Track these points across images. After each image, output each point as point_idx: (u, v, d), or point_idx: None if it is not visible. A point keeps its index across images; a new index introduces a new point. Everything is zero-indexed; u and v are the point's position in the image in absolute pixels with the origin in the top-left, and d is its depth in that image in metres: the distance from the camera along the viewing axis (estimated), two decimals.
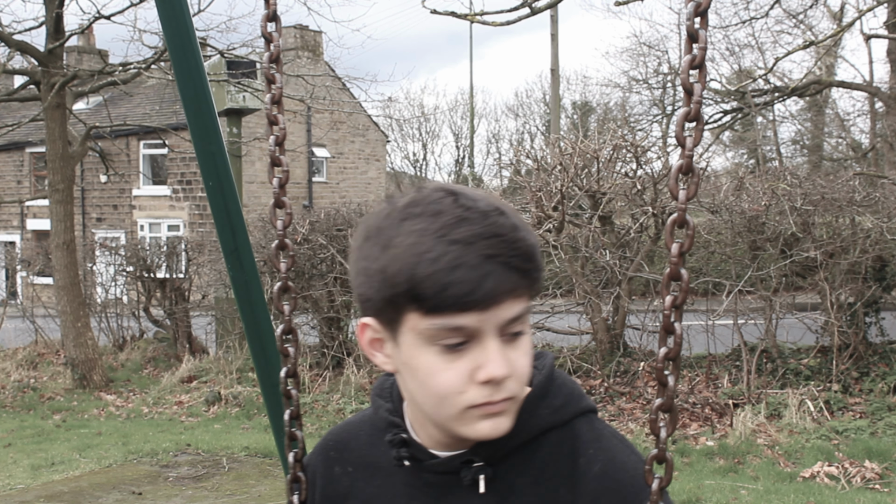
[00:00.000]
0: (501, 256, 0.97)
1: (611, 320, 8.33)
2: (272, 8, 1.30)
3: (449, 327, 0.98)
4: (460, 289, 0.95)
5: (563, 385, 1.12)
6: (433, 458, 1.10)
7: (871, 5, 9.25)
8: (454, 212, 0.99)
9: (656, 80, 23.93)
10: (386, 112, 34.46)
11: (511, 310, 0.99)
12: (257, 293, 1.39)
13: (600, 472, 1.05)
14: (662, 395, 1.00)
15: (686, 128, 0.99)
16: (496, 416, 1.01)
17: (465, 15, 6.79)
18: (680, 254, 0.98)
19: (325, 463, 1.24)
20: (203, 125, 1.33)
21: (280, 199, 1.31)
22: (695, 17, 0.98)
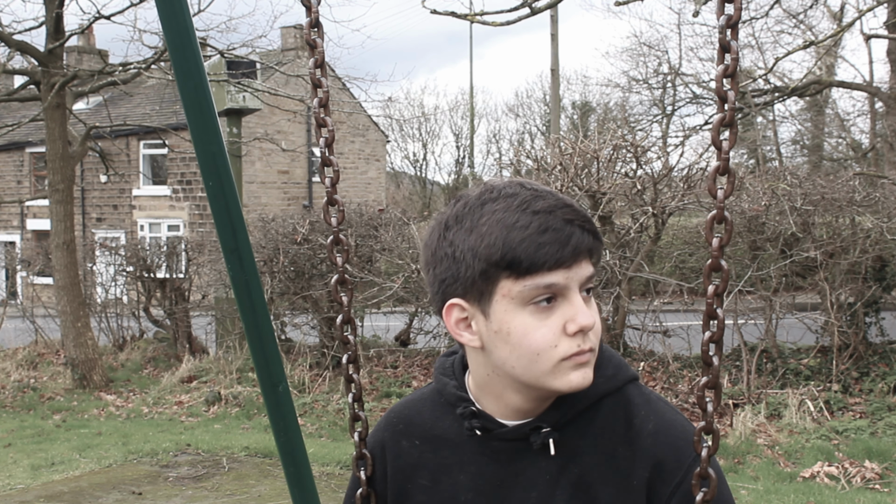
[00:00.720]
0: (578, 220, 1.13)
1: (611, 320, 8.33)
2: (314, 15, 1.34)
3: (542, 285, 1.11)
4: (552, 248, 1.10)
5: (611, 356, 1.25)
6: (502, 427, 1.22)
7: (871, 5, 9.25)
8: (527, 192, 1.15)
9: (656, 80, 23.93)
10: (386, 112, 34.47)
11: (588, 269, 1.14)
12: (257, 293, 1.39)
13: (654, 429, 1.18)
14: (707, 373, 1.12)
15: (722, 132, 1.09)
16: (584, 366, 1.14)
17: (465, 15, 6.79)
18: (720, 247, 1.10)
19: (393, 438, 1.35)
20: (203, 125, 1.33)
21: (332, 196, 1.38)
22: (727, 29, 1.06)
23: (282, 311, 10.38)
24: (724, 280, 1.09)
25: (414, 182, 38.85)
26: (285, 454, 1.46)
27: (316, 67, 1.35)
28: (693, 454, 1.15)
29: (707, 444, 1.12)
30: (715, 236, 1.10)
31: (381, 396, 8.78)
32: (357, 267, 9.28)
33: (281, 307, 10.34)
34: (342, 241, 1.39)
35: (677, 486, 1.15)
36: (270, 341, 1.44)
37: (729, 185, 1.07)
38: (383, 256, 9.57)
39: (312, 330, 10.27)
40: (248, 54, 12.01)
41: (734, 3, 1.06)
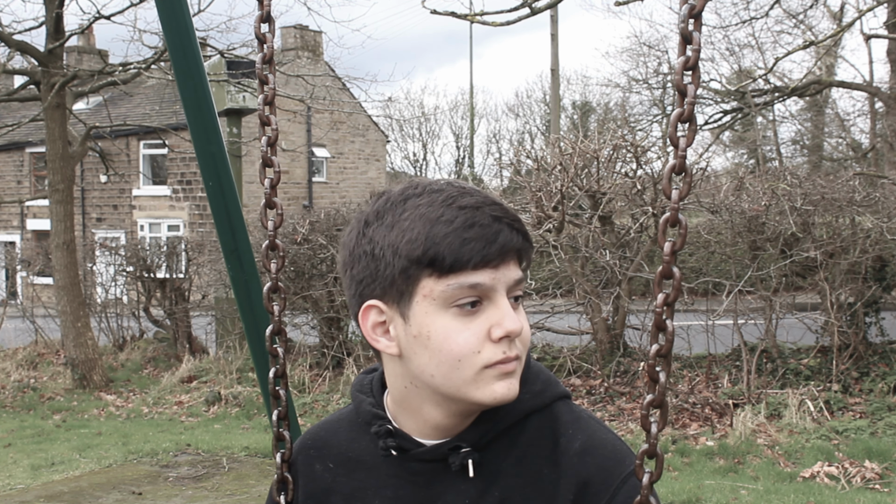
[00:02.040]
0: (506, 219, 1.06)
1: (611, 320, 8.33)
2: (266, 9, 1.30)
3: (466, 285, 1.04)
4: (478, 244, 1.03)
5: (539, 371, 1.17)
6: (420, 447, 1.13)
7: (871, 5, 9.25)
8: (453, 188, 1.09)
9: (656, 80, 23.93)
10: (386, 112, 34.49)
11: (516, 272, 1.07)
12: (257, 293, 1.39)
13: (580, 448, 1.10)
14: (653, 391, 1.02)
15: (679, 128, 1.00)
16: (509, 376, 1.06)
17: (465, 15, 6.79)
18: (672, 252, 1.01)
19: (305, 461, 1.27)
20: (203, 125, 1.33)
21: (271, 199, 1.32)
22: (689, 19, 0.99)
23: None
24: (676, 288, 1.01)
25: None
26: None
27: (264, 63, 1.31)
28: (623, 475, 1.07)
29: (649, 471, 1.02)
30: (668, 240, 1.01)
31: None
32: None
33: None
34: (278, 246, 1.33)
35: None
36: None
37: (685, 185, 0.99)
38: None
39: (312, 330, 10.27)
40: (248, 54, 12.01)
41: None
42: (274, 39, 1.32)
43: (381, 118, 29.68)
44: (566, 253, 7.99)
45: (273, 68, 1.33)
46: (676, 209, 1.00)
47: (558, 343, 9.28)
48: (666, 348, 1.02)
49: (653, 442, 1.02)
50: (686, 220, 1.01)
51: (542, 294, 8.43)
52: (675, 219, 1.01)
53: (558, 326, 8.90)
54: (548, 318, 8.76)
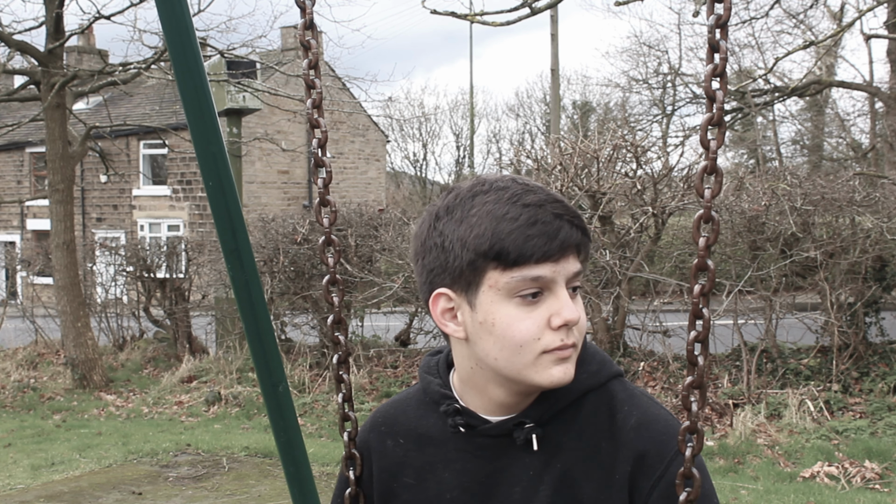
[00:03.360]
0: (567, 216, 1.14)
1: (611, 320, 8.33)
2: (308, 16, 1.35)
3: (529, 277, 1.12)
4: (540, 240, 1.12)
5: (595, 353, 1.26)
6: (486, 423, 1.22)
7: (871, 5, 9.25)
8: (518, 186, 1.16)
9: (656, 80, 23.93)
10: (386, 112, 34.49)
11: (576, 265, 1.15)
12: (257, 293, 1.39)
13: (636, 424, 1.19)
14: (693, 373, 1.11)
15: (709, 132, 1.08)
16: (565, 361, 1.15)
17: (466, 15, 6.79)
18: (706, 247, 1.10)
19: (378, 438, 1.35)
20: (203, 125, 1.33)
21: (325, 197, 1.39)
22: (716, 29, 1.06)
23: (282, 311, 10.38)
24: (711, 280, 1.09)
25: (414, 182, 38.84)
26: (285, 454, 1.46)
27: (310, 69, 1.36)
28: (676, 448, 1.15)
29: (691, 444, 1.12)
30: (702, 236, 1.10)
31: (382, 396, 8.78)
32: (357, 267, 9.28)
33: (281, 307, 10.34)
34: (334, 241, 1.39)
35: (658, 480, 1.15)
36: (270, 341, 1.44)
37: (717, 184, 1.07)
38: (383, 256, 9.57)
39: (312, 330, 10.27)
40: (248, 54, 12.01)
41: (724, 2, 1.06)
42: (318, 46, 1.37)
43: (381, 118, 29.70)
44: None
45: (319, 73, 1.38)
46: (710, 207, 1.08)
47: None
48: (703, 334, 1.10)
49: (694, 419, 1.11)
50: (718, 217, 1.10)
51: None
52: (708, 215, 1.09)
53: None
54: None
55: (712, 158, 1.07)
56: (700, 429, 1.12)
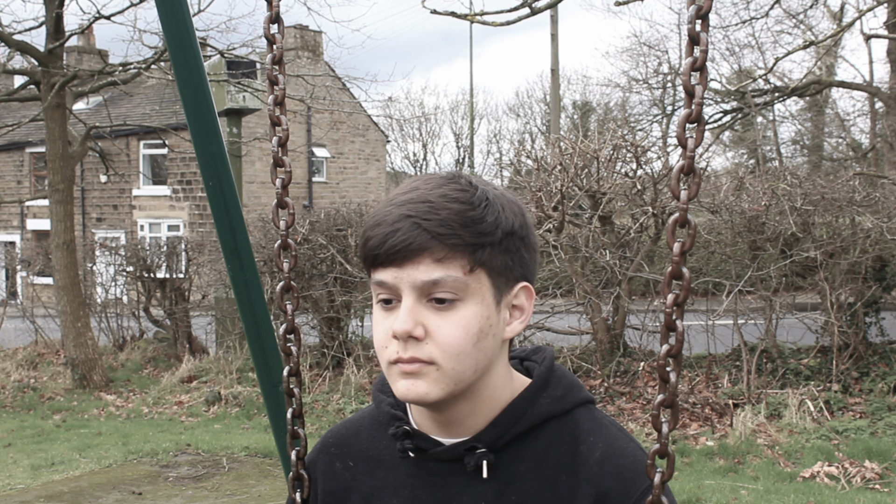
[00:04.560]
0: (416, 217, 1.03)
1: (611, 320, 8.33)
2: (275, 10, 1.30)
3: (374, 281, 1.07)
4: (374, 242, 1.05)
5: (562, 377, 1.16)
6: (437, 446, 1.13)
7: (871, 5, 9.25)
8: (415, 183, 1.09)
9: (656, 80, 23.93)
10: (386, 112, 34.48)
11: (430, 273, 1.03)
12: (257, 293, 1.39)
13: (601, 457, 1.08)
14: (664, 391, 1.02)
15: (687, 129, 1.01)
16: (410, 376, 1.05)
17: (465, 15, 6.79)
18: (682, 253, 1.00)
19: (326, 460, 1.27)
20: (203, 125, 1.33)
21: (283, 199, 1.33)
22: (696, 20, 0.99)
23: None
24: (685, 289, 1.00)
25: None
26: (285, 454, 1.46)
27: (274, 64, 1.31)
28: (643, 486, 1.05)
29: (661, 470, 1.02)
30: (677, 241, 1.00)
31: None
32: (357, 267, 9.28)
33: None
34: (290, 245, 1.34)
35: None
36: (270, 341, 1.45)
37: (694, 185, 0.99)
38: None
39: (312, 330, 10.27)
40: (248, 54, 12.01)
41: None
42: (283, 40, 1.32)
43: (381, 118, 29.70)
44: (566, 253, 7.98)
45: (283, 69, 1.33)
46: (685, 209, 1.00)
47: (558, 343, 9.28)
48: (676, 349, 1.02)
49: (664, 441, 1.02)
50: (695, 221, 1.01)
51: (542, 294, 8.43)
52: (684, 219, 1.00)
53: (558, 326, 8.90)
54: (548, 318, 8.76)
55: (690, 157, 0.99)
56: (671, 453, 1.02)
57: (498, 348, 1.10)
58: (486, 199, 1.07)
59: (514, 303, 1.11)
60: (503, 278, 1.08)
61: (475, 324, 1.05)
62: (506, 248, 1.07)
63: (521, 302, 1.12)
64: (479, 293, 1.06)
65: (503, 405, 1.12)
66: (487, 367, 1.09)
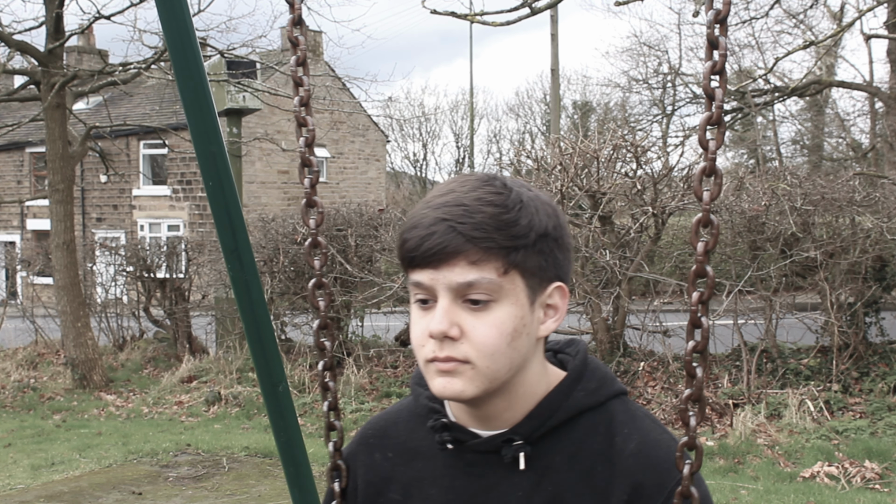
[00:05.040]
0: (452, 220, 1.06)
1: (611, 320, 8.33)
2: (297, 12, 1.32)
3: (411, 282, 1.10)
4: (410, 244, 1.08)
5: (596, 369, 1.20)
6: (475, 438, 1.16)
7: (871, 5, 9.25)
8: (451, 185, 1.11)
9: (656, 80, 23.94)
10: (386, 112, 34.49)
11: (465, 275, 1.06)
12: (257, 293, 1.39)
13: (636, 449, 1.12)
14: (691, 385, 1.05)
15: (708, 131, 1.04)
16: (446, 374, 1.08)
17: (466, 15, 6.79)
18: (705, 252, 1.03)
19: (366, 451, 1.30)
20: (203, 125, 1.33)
21: (311, 198, 1.35)
22: (715, 25, 1.02)
23: (282, 311, 10.37)
24: (710, 287, 1.03)
25: (414, 182, 38.85)
26: (285, 454, 1.46)
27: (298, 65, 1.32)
28: (678, 477, 1.07)
29: (690, 461, 1.05)
30: (701, 240, 1.03)
31: (381, 396, 8.78)
32: (357, 267, 9.27)
33: (281, 307, 10.34)
34: (320, 243, 1.36)
35: None
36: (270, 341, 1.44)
37: (716, 186, 1.02)
38: (383, 256, 9.57)
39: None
40: (248, 54, 12.01)
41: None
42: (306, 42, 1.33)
43: (381, 118, 29.70)
44: None
45: (307, 70, 1.34)
46: (708, 210, 1.02)
47: None
48: (702, 344, 1.04)
49: (692, 434, 1.05)
50: (717, 221, 1.04)
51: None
52: (707, 219, 1.03)
53: (558, 326, 8.89)
54: None
55: (711, 159, 1.02)
56: (699, 445, 1.05)
57: (532, 346, 1.13)
58: (521, 201, 1.09)
59: (548, 302, 1.13)
60: (537, 279, 1.10)
61: (509, 324, 1.08)
62: (539, 249, 1.09)
63: (556, 301, 1.14)
64: (513, 294, 1.08)
65: (539, 398, 1.15)
66: (522, 364, 1.11)
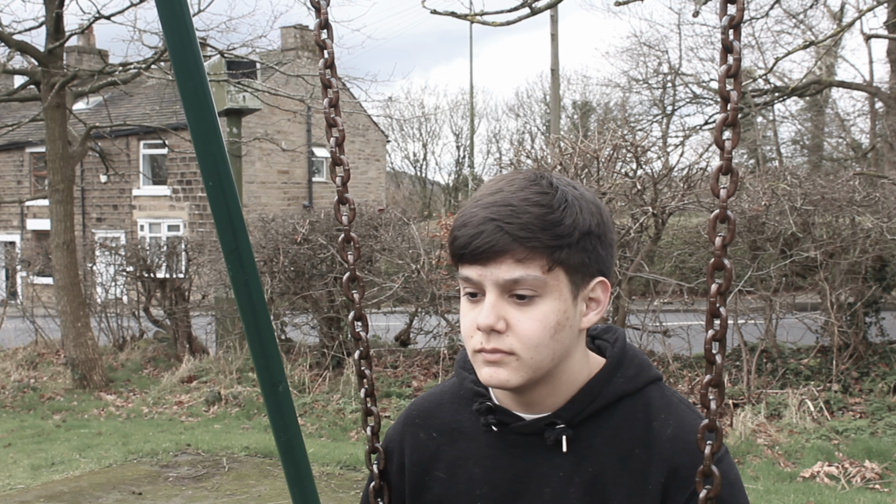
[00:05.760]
0: (500, 220, 1.11)
1: (611, 320, 8.33)
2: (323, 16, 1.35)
3: (461, 277, 1.16)
4: (460, 241, 1.14)
5: (634, 356, 1.26)
6: (519, 421, 1.22)
7: (871, 5, 9.25)
8: (499, 184, 1.17)
9: (656, 80, 23.93)
10: (386, 112, 34.48)
11: (511, 272, 1.12)
12: (257, 293, 1.39)
13: (673, 434, 1.18)
14: (711, 371, 1.11)
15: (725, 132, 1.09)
16: (492, 364, 1.14)
17: (466, 15, 6.79)
18: (723, 246, 1.09)
19: (412, 430, 1.36)
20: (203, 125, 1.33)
21: (343, 195, 1.38)
22: (729, 30, 1.07)
23: (282, 311, 10.38)
24: (727, 279, 1.10)
25: (414, 182, 38.85)
26: (285, 454, 1.46)
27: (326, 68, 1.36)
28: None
29: (710, 442, 1.11)
30: (718, 235, 1.10)
31: (382, 396, 8.78)
32: (357, 267, 9.28)
33: (281, 307, 10.34)
34: (353, 238, 1.41)
35: (693, 494, 1.13)
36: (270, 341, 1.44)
37: (732, 184, 1.08)
38: (383, 256, 9.57)
39: (312, 330, 10.27)
40: (248, 54, 12.01)
41: (736, 3, 1.06)
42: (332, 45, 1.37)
43: (381, 118, 29.70)
44: None
45: (335, 72, 1.37)
46: (725, 206, 1.09)
47: None
48: (721, 333, 1.10)
49: (712, 417, 1.11)
50: (734, 217, 1.10)
51: None
52: (724, 215, 1.09)
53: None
54: None
55: (727, 159, 1.08)
56: (719, 427, 1.11)
57: (575, 338, 1.19)
58: (566, 201, 1.14)
59: (590, 296, 1.19)
60: (580, 274, 1.16)
61: (553, 318, 1.14)
62: (583, 247, 1.14)
63: (598, 295, 1.20)
64: (557, 290, 1.14)
65: (580, 385, 1.21)
66: (565, 354, 1.17)
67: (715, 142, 1.08)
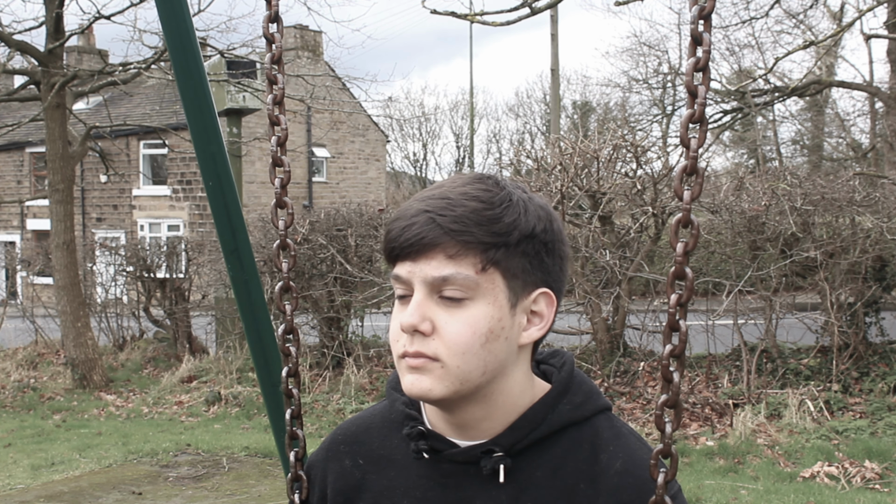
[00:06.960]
0: (433, 212, 1.03)
1: (611, 320, 8.33)
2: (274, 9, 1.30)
3: (392, 276, 1.08)
4: (391, 235, 1.06)
5: (582, 383, 1.15)
6: (453, 447, 1.11)
7: (871, 5, 9.25)
8: (444, 181, 1.09)
9: (656, 80, 23.94)
10: (386, 112, 34.49)
11: (441, 269, 1.03)
12: (257, 293, 1.39)
13: (622, 468, 1.07)
14: (667, 391, 1.02)
15: (690, 129, 1.01)
16: (415, 371, 1.04)
17: (466, 15, 6.78)
18: (685, 253, 1.01)
19: (336, 457, 1.24)
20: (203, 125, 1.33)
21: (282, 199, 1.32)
22: (699, 21, 0.99)
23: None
24: (689, 289, 1.01)
25: (414, 182, 38.86)
26: (285, 454, 1.46)
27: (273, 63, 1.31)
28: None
29: (664, 469, 1.02)
30: (680, 241, 1.01)
31: (381, 396, 8.77)
32: (357, 267, 9.28)
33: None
34: (289, 245, 1.33)
35: None
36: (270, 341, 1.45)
37: (697, 186, 0.99)
38: (383, 256, 9.56)
39: (312, 330, 10.27)
40: (248, 54, 12.01)
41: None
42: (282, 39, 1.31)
43: (381, 118, 29.70)
44: None
45: (282, 68, 1.32)
46: (688, 210, 1.00)
47: (558, 343, 9.28)
48: (679, 349, 1.01)
49: (667, 442, 1.02)
50: (698, 221, 1.01)
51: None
52: (687, 219, 1.01)
53: (558, 326, 8.89)
54: None
55: (692, 158, 1.00)
56: (674, 453, 1.02)
57: (513, 353, 1.08)
58: (509, 200, 1.05)
59: (532, 308, 1.09)
60: (520, 281, 1.06)
61: (484, 324, 1.04)
62: (523, 250, 1.05)
63: (541, 308, 1.09)
64: (492, 293, 1.04)
65: (521, 410, 1.10)
66: (499, 370, 1.06)
67: (681, 140, 1.00)
